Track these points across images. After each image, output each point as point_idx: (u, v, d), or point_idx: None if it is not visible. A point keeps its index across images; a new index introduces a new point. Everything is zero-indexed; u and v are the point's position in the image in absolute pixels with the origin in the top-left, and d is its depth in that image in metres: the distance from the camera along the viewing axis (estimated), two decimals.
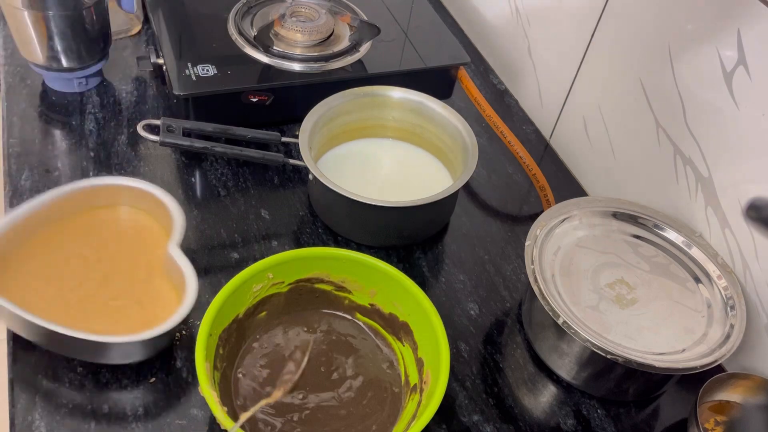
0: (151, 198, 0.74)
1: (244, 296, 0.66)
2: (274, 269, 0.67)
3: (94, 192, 0.73)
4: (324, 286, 0.71)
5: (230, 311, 0.65)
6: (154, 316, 0.67)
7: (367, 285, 0.70)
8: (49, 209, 0.70)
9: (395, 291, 0.68)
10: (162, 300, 0.69)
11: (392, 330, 0.70)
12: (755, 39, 0.67)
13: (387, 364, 0.69)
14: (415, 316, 0.67)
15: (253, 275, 0.65)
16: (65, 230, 0.72)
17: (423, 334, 0.66)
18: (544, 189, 0.88)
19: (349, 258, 0.68)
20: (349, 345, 0.70)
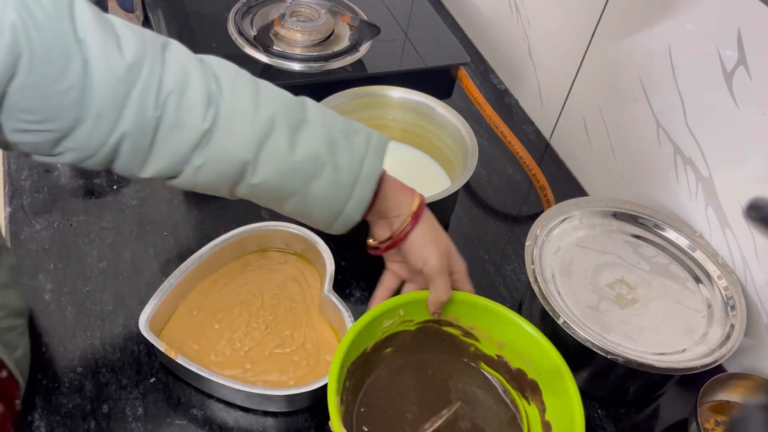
0: (300, 239, 0.75)
1: (374, 330, 0.64)
2: (406, 307, 0.65)
3: (247, 239, 0.74)
4: (452, 330, 0.68)
5: (360, 345, 0.63)
6: (318, 361, 0.68)
7: (496, 335, 0.67)
8: (207, 261, 0.71)
9: (527, 346, 0.65)
10: (325, 343, 0.70)
11: (518, 386, 0.67)
12: (755, 39, 0.67)
13: (509, 420, 0.66)
14: (547, 377, 0.63)
15: (386, 311, 0.64)
16: (223, 279, 0.73)
17: (554, 396, 0.63)
18: (544, 189, 0.88)
19: (482, 306, 0.66)
20: (473, 394, 0.67)
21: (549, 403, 0.64)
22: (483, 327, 0.67)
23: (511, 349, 0.67)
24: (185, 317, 0.69)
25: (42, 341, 0.68)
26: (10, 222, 0.78)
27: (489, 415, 0.66)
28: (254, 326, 0.70)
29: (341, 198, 0.59)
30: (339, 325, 0.69)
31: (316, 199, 0.58)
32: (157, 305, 0.66)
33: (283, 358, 0.68)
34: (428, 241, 0.62)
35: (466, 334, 0.68)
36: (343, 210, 0.59)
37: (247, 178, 0.56)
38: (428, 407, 0.65)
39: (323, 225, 0.62)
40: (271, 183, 0.56)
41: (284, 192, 0.58)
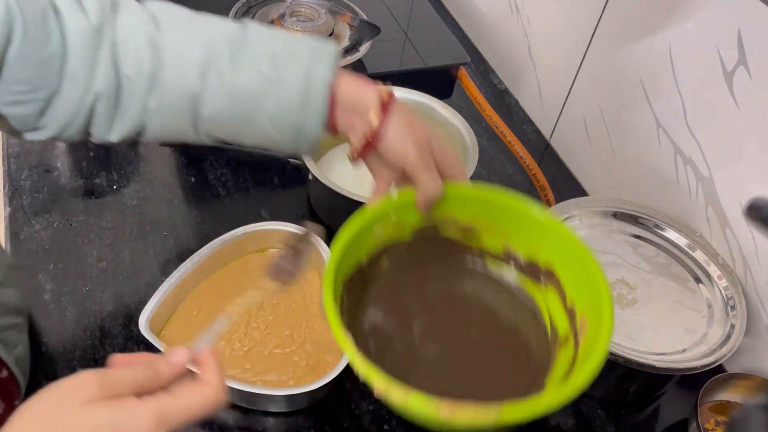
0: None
1: (366, 240, 0.60)
2: (397, 211, 0.60)
3: (247, 239, 0.74)
4: (450, 233, 0.63)
5: (353, 256, 0.59)
6: (318, 361, 0.68)
7: (500, 226, 0.62)
8: (207, 261, 0.71)
9: (536, 231, 0.60)
10: (324, 343, 0.69)
11: (532, 276, 0.62)
12: (756, 39, 0.67)
13: (529, 316, 0.62)
14: (562, 257, 0.59)
15: (377, 216, 0.59)
16: (223, 279, 0.73)
17: (573, 277, 0.58)
18: (545, 189, 0.88)
19: (481, 198, 0.61)
20: (483, 302, 0.63)
21: (569, 289, 0.59)
22: (483, 220, 0.62)
23: (519, 238, 0.62)
24: (185, 317, 0.69)
25: (42, 341, 0.68)
26: (10, 222, 0.78)
27: (507, 317, 0.62)
28: (254, 326, 0.70)
29: (295, 113, 0.57)
30: None
31: (272, 119, 0.57)
32: (157, 305, 0.66)
33: (282, 358, 0.68)
34: (403, 133, 0.58)
35: (466, 236, 0.64)
36: (302, 125, 0.57)
37: (200, 111, 0.56)
38: (436, 319, 0.61)
39: (290, 146, 0.60)
40: (223, 111, 0.57)
41: (239, 119, 0.57)
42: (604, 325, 0.52)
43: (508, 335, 0.61)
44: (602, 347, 0.51)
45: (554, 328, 0.61)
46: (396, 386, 0.47)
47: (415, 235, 0.63)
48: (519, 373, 0.59)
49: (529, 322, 0.62)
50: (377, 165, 0.61)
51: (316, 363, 0.68)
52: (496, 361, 0.59)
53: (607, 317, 0.53)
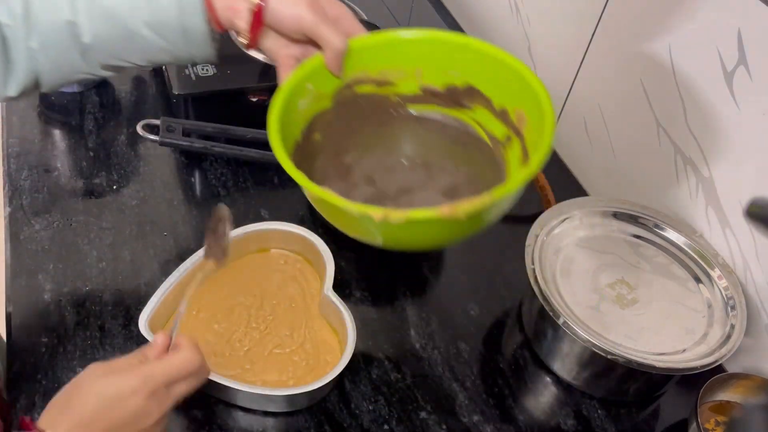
0: (300, 239, 0.74)
1: (294, 116, 0.60)
2: (311, 78, 0.60)
3: (248, 238, 0.74)
4: (365, 88, 0.64)
5: (288, 135, 0.59)
6: (317, 361, 0.68)
7: (410, 65, 0.62)
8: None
9: (446, 55, 0.60)
10: (324, 344, 0.69)
11: (456, 103, 0.63)
12: (756, 39, 0.67)
13: (466, 138, 0.63)
14: (477, 67, 0.60)
15: (294, 88, 0.59)
16: (223, 279, 0.73)
17: (494, 81, 0.60)
18: (545, 189, 0.88)
19: (382, 42, 0.61)
20: (420, 140, 0.64)
21: (492, 91, 0.61)
22: (393, 65, 0.62)
23: (430, 71, 0.62)
24: (185, 317, 0.69)
25: (42, 341, 0.68)
26: (10, 222, 0.78)
27: (446, 145, 0.64)
28: (254, 326, 0.70)
29: (174, 16, 0.57)
30: (339, 325, 0.69)
31: (152, 28, 0.57)
32: (157, 305, 0.66)
33: (282, 358, 0.68)
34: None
35: (380, 85, 0.64)
36: (185, 26, 0.57)
37: (81, 40, 0.57)
38: (384, 166, 0.63)
39: (184, 54, 0.60)
40: (102, 34, 0.57)
41: (121, 37, 0.58)
42: (542, 101, 0.55)
43: (456, 159, 0.63)
44: (550, 117, 0.54)
45: (492, 136, 0.62)
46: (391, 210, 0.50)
47: (335, 100, 0.64)
48: (478, 183, 0.61)
49: (469, 142, 0.64)
50: (276, 46, 0.61)
51: (316, 363, 0.68)
52: (456, 179, 0.62)
53: (541, 92, 0.56)
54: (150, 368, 0.51)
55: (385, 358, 0.71)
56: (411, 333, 0.74)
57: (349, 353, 0.64)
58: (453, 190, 0.61)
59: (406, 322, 0.75)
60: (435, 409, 0.68)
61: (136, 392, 0.49)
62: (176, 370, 0.52)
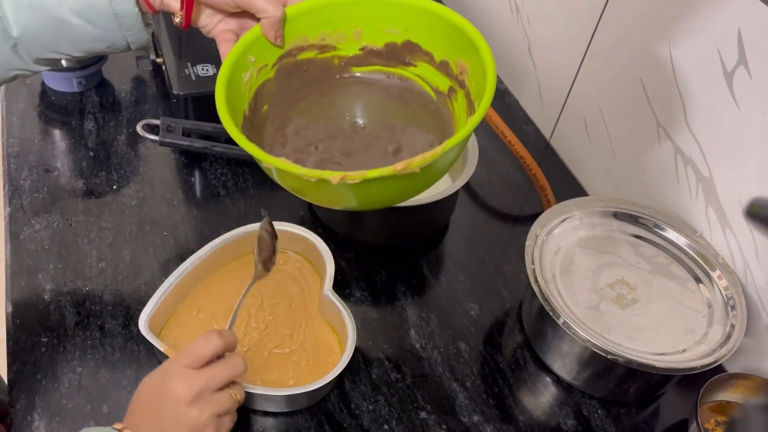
0: (299, 239, 0.74)
1: (239, 89, 0.61)
2: (251, 50, 0.61)
3: (247, 239, 0.73)
4: (306, 54, 0.64)
5: (236, 110, 0.60)
6: (317, 361, 0.67)
7: (348, 26, 0.63)
8: (207, 261, 0.71)
9: (379, 12, 0.62)
10: (324, 344, 0.69)
11: (397, 60, 0.65)
12: (756, 38, 0.67)
13: (409, 95, 0.65)
14: (414, 22, 0.61)
15: (236, 62, 0.60)
16: (222, 280, 0.72)
17: (432, 35, 0.61)
18: (545, 189, 0.88)
19: (317, 5, 0.62)
20: (366, 101, 0.66)
21: (432, 44, 0.62)
22: (332, 28, 0.63)
23: (369, 30, 0.63)
24: (185, 317, 0.69)
25: (42, 341, 0.68)
26: (10, 222, 0.78)
27: (392, 104, 0.65)
28: (253, 326, 0.70)
29: (102, 0, 0.56)
30: (339, 326, 0.69)
31: (81, 15, 0.56)
32: (157, 305, 0.66)
33: (282, 358, 0.68)
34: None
35: (321, 50, 0.65)
36: (116, 11, 0.57)
37: (10, 33, 0.56)
38: (332, 130, 0.64)
39: (121, 40, 0.60)
40: (31, 26, 0.56)
41: (50, 28, 0.57)
42: (480, 49, 0.57)
43: (403, 118, 0.64)
44: (490, 64, 0.56)
45: (437, 90, 0.64)
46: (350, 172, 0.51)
47: (277, 69, 0.64)
48: (428, 137, 0.62)
49: (413, 100, 0.65)
50: (212, 22, 0.62)
51: (316, 363, 0.67)
52: (402, 138, 0.63)
53: (478, 40, 0.57)
54: (207, 375, 0.55)
55: (385, 358, 0.71)
56: (411, 333, 0.74)
57: (349, 353, 0.64)
58: (399, 150, 0.62)
59: (406, 322, 0.75)
60: (435, 409, 0.68)
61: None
62: (227, 376, 0.56)
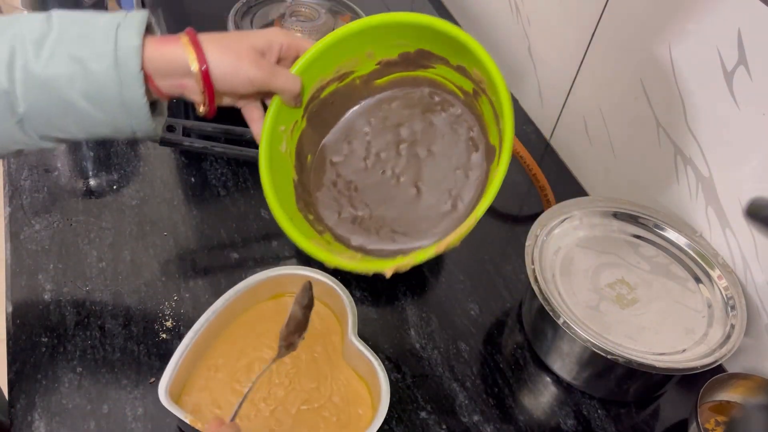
0: (316, 283, 0.68)
1: (283, 162, 0.65)
2: (279, 121, 0.63)
3: (258, 287, 0.69)
4: (329, 89, 0.66)
5: (286, 183, 0.64)
6: (348, 417, 0.63)
7: (358, 52, 0.65)
8: (221, 317, 0.66)
9: (388, 35, 0.63)
10: (354, 394, 0.65)
11: (416, 65, 0.66)
12: (756, 39, 0.67)
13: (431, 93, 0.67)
14: (422, 33, 0.62)
15: (270, 141, 0.63)
16: (238, 333, 0.68)
17: (443, 47, 0.62)
18: (545, 189, 0.88)
19: (328, 46, 0.63)
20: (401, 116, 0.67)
21: (448, 56, 0.63)
22: (343, 59, 0.65)
23: (381, 49, 0.65)
24: (203, 379, 0.65)
25: (42, 341, 0.68)
26: (10, 222, 0.78)
27: (429, 116, 0.67)
28: (276, 382, 0.65)
29: (112, 87, 0.55)
30: (367, 373, 0.65)
31: (89, 99, 0.55)
32: (175, 371, 0.61)
33: (311, 415, 0.63)
34: (231, 58, 0.58)
35: (341, 79, 0.66)
36: (124, 99, 0.55)
37: (17, 110, 0.54)
38: (383, 156, 0.66)
39: (127, 127, 0.58)
40: (39, 104, 0.55)
41: (58, 107, 0.55)
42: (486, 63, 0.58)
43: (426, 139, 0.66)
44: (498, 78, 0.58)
45: (461, 88, 0.65)
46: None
47: (307, 116, 0.66)
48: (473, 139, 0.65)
49: (444, 103, 0.67)
50: (235, 100, 0.62)
51: (348, 418, 0.63)
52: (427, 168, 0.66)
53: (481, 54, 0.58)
54: None
55: (385, 358, 0.71)
56: (411, 333, 0.74)
57: (384, 408, 0.60)
58: (420, 193, 0.65)
59: (406, 322, 0.75)
60: (435, 409, 0.68)
61: None
62: None
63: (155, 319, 0.71)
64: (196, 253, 0.78)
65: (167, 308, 0.72)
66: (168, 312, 0.72)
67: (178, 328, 0.71)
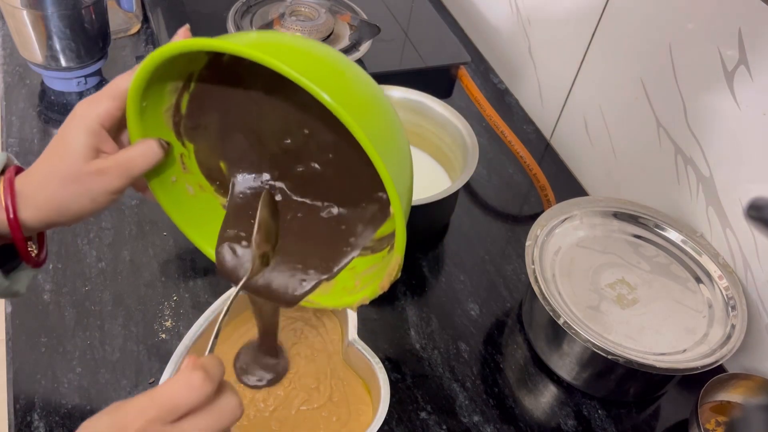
0: None
1: (185, 197, 0.56)
2: (161, 175, 0.54)
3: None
4: (184, 100, 0.54)
5: (210, 212, 0.57)
6: (348, 416, 0.63)
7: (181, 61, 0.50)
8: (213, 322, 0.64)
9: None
10: (353, 394, 0.65)
11: None
12: (756, 38, 0.67)
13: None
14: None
15: (165, 193, 0.55)
16: (236, 333, 0.67)
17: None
18: (545, 189, 0.88)
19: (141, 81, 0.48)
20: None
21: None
22: (171, 76, 0.51)
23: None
24: None
25: (41, 341, 0.68)
26: None
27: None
28: (276, 384, 0.65)
29: None
30: (367, 373, 0.64)
31: None
32: (175, 371, 0.60)
33: (311, 415, 0.63)
34: (50, 185, 0.49)
35: (186, 85, 0.53)
36: None
37: None
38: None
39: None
40: None
41: None
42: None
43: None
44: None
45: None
46: None
47: (184, 139, 0.56)
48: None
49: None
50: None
51: (348, 418, 0.63)
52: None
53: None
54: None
55: (385, 358, 0.71)
56: (411, 333, 0.74)
57: (384, 408, 0.59)
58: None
59: (406, 322, 0.75)
60: (435, 410, 0.68)
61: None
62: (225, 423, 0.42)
63: (155, 319, 0.71)
64: (196, 253, 0.78)
65: (167, 308, 0.72)
66: (167, 312, 0.72)
67: (178, 328, 0.71)
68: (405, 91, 0.88)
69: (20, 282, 0.53)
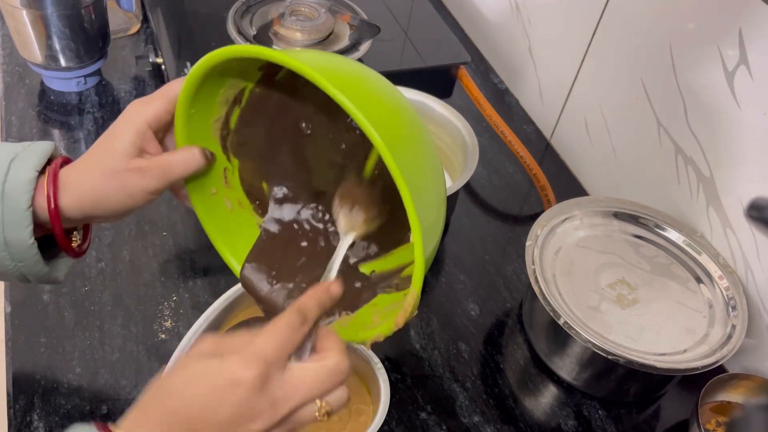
0: None
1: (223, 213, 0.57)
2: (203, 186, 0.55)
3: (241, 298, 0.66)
4: (234, 115, 0.54)
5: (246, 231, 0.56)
6: (349, 414, 0.63)
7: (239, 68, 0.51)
8: (220, 316, 0.64)
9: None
10: (354, 395, 0.64)
11: None
12: (757, 38, 0.67)
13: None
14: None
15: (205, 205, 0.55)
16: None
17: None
18: (545, 189, 0.87)
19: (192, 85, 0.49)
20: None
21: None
22: (224, 84, 0.52)
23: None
24: None
25: (41, 341, 0.68)
26: None
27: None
28: None
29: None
30: (367, 373, 0.64)
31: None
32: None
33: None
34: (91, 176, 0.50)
35: (237, 100, 0.53)
36: (6, 236, 0.49)
37: None
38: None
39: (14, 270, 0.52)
40: None
41: None
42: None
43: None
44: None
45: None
46: None
47: (230, 154, 0.56)
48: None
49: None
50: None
51: (348, 417, 0.62)
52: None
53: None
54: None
55: (385, 358, 0.71)
56: (411, 333, 0.74)
57: (384, 408, 0.59)
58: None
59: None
60: (435, 410, 0.68)
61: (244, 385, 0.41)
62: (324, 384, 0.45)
63: (154, 320, 0.71)
64: (196, 253, 0.78)
65: (166, 308, 0.72)
66: (167, 312, 0.72)
67: (178, 328, 0.71)
68: (405, 90, 0.88)
69: (59, 269, 0.54)
